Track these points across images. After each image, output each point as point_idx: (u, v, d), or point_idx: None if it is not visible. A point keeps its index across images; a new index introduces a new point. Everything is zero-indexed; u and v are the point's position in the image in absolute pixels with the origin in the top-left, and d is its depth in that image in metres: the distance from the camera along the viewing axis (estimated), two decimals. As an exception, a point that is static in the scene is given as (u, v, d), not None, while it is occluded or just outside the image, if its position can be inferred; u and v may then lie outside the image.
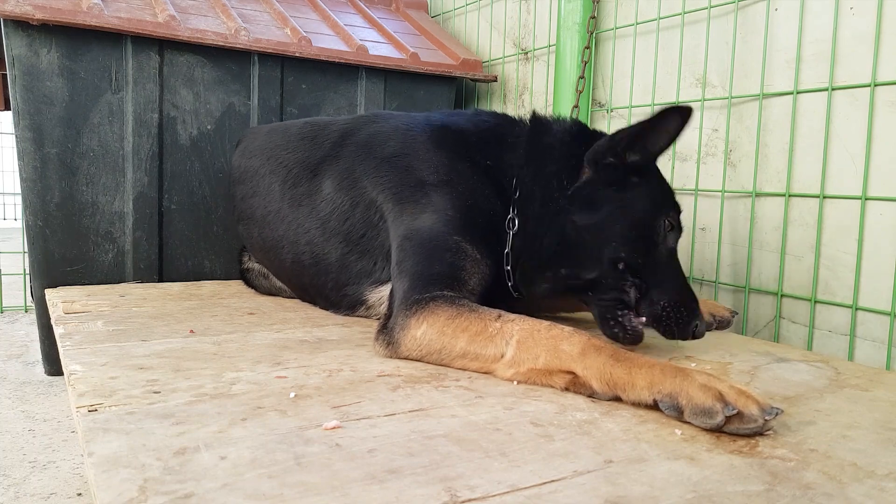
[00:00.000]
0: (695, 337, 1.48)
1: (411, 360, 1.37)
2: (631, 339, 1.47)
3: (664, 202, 1.57)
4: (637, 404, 1.13)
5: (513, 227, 1.60)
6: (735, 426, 1.03)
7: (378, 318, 1.56)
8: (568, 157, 1.61)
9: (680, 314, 1.46)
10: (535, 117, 1.73)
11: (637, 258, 1.49)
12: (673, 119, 1.49)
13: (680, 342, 1.69)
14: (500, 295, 1.62)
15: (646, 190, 1.56)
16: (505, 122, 1.77)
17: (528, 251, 1.60)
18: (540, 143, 1.66)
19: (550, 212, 1.57)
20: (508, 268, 1.61)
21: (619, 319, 1.48)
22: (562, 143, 1.64)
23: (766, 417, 1.03)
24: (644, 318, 1.48)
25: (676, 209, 1.59)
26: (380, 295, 1.69)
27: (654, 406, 1.11)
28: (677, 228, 1.58)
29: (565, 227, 1.55)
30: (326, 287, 1.83)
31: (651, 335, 1.74)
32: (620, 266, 1.49)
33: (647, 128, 1.51)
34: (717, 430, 1.04)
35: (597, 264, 1.51)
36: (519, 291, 1.64)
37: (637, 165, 1.56)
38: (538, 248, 1.58)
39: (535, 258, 1.59)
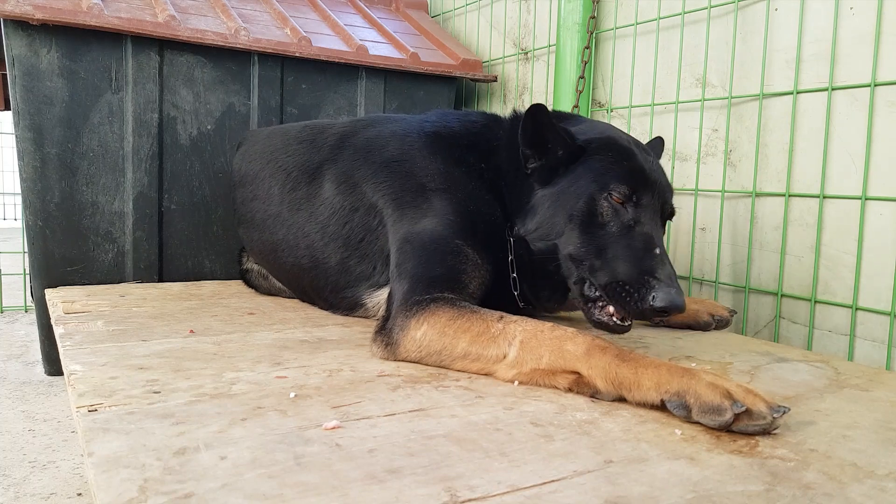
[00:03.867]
0: (657, 312, 1.33)
1: (410, 361, 1.37)
2: (608, 329, 1.43)
3: (602, 179, 1.46)
4: (643, 404, 1.13)
5: (513, 235, 1.58)
6: (744, 424, 1.03)
7: (377, 319, 1.56)
8: None
9: (625, 291, 1.35)
10: (514, 116, 1.72)
11: (580, 248, 1.45)
12: (540, 114, 1.48)
13: (682, 340, 1.68)
14: (505, 304, 1.55)
15: (577, 176, 1.50)
16: (492, 123, 1.75)
17: (522, 262, 1.58)
18: (514, 145, 1.63)
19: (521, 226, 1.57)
20: (514, 275, 1.59)
21: (590, 314, 1.45)
22: None
23: (775, 415, 1.03)
24: (611, 309, 1.41)
25: (625, 179, 1.45)
26: (378, 298, 1.69)
27: (661, 406, 1.11)
28: (631, 200, 1.44)
29: (527, 241, 1.54)
30: (325, 290, 1.83)
31: (652, 335, 1.74)
32: (573, 260, 1.46)
33: (530, 128, 1.51)
34: (726, 428, 1.04)
35: (557, 266, 1.49)
36: (526, 301, 1.61)
37: (566, 156, 1.51)
38: (523, 261, 1.57)
39: (528, 272, 1.57)
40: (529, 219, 1.54)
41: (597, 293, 1.43)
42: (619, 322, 1.41)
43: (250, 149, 2.16)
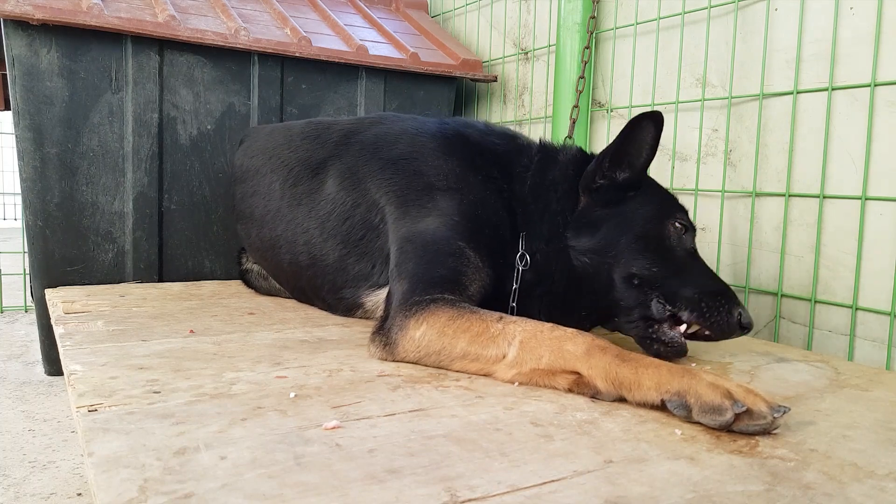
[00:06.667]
0: (743, 328, 1.41)
1: (408, 361, 1.36)
2: (675, 352, 1.43)
3: (666, 207, 1.55)
4: (643, 404, 1.13)
5: (523, 264, 1.57)
6: (744, 424, 1.03)
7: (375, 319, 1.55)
8: (570, 192, 1.60)
9: (720, 303, 1.41)
10: (542, 146, 1.71)
11: (651, 269, 1.46)
12: (646, 127, 1.49)
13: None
14: None
15: (643, 200, 1.55)
16: (514, 149, 1.72)
17: (542, 290, 1.57)
18: (545, 179, 1.64)
19: (556, 249, 1.56)
20: (513, 304, 1.58)
21: (656, 335, 1.45)
22: (565, 178, 1.62)
23: (775, 415, 1.03)
24: (682, 327, 1.44)
25: (682, 210, 1.58)
26: (377, 299, 1.68)
27: (661, 406, 1.11)
28: (690, 229, 1.55)
29: (570, 258, 1.53)
30: (323, 289, 1.82)
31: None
32: (636, 282, 1.47)
33: (624, 142, 1.51)
34: (726, 428, 1.04)
35: (610, 286, 1.49)
36: None
37: (629, 181, 1.55)
38: (551, 286, 1.56)
39: (552, 297, 1.57)
40: (586, 235, 1.53)
41: (668, 312, 1.44)
42: (683, 341, 1.44)
43: (252, 144, 2.16)
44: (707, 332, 1.44)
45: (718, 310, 1.41)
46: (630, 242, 1.49)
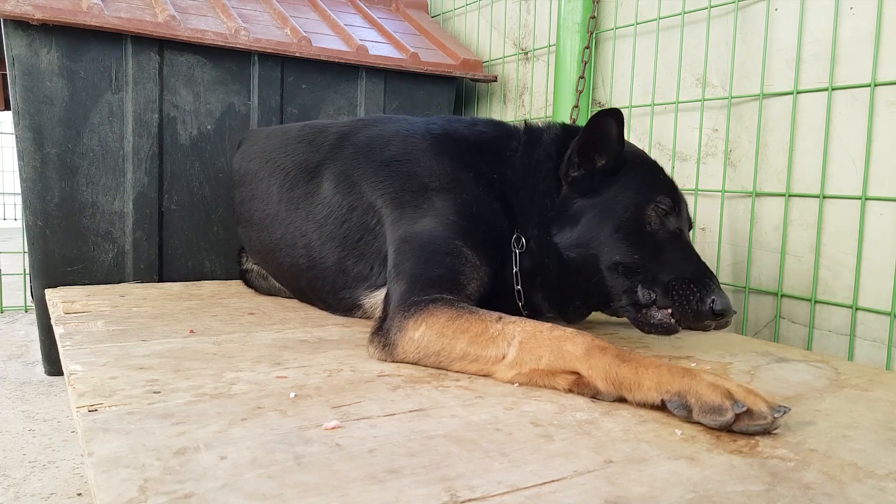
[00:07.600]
0: (716, 315, 1.38)
1: (407, 362, 1.36)
2: (664, 332, 1.45)
3: (646, 191, 1.54)
4: (643, 405, 1.13)
5: (519, 247, 1.59)
6: (744, 424, 1.03)
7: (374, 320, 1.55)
8: (553, 173, 1.61)
9: (689, 290, 1.40)
10: (528, 128, 1.73)
11: (633, 255, 1.48)
12: (608, 124, 1.50)
13: (682, 340, 1.68)
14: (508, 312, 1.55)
15: (622, 187, 1.55)
16: (502, 135, 1.74)
17: (541, 279, 1.59)
18: (532, 159, 1.65)
19: (546, 242, 1.57)
20: (519, 287, 1.59)
21: (645, 318, 1.47)
22: (548, 157, 1.63)
23: (775, 415, 1.03)
24: (669, 310, 1.44)
25: (666, 192, 1.55)
26: (375, 299, 1.68)
27: (661, 406, 1.11)
28: (674, 211, 1.54)
29: (559, 252, 1.55)
30: (323, 291, 1.83)
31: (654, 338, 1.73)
32: (621, 269, 1.48)
33: (590, 137, 1.52)
34: (726, 429, 1.04)
35: (599, 275, 1.50)
36: (535, 312, 1.62)
37: (608, 167, 1.56)
38: (548, 276, 1.58)
39: (548, 284, 1.58)
40: (568, 229, 1.54)
41: (653, 297, 1.45)
42: (675, 322, 1.43)
43: (250, 148, 2.16)
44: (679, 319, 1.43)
45: (688, 296, 1.40)
46: (611, 232, 1.50)
